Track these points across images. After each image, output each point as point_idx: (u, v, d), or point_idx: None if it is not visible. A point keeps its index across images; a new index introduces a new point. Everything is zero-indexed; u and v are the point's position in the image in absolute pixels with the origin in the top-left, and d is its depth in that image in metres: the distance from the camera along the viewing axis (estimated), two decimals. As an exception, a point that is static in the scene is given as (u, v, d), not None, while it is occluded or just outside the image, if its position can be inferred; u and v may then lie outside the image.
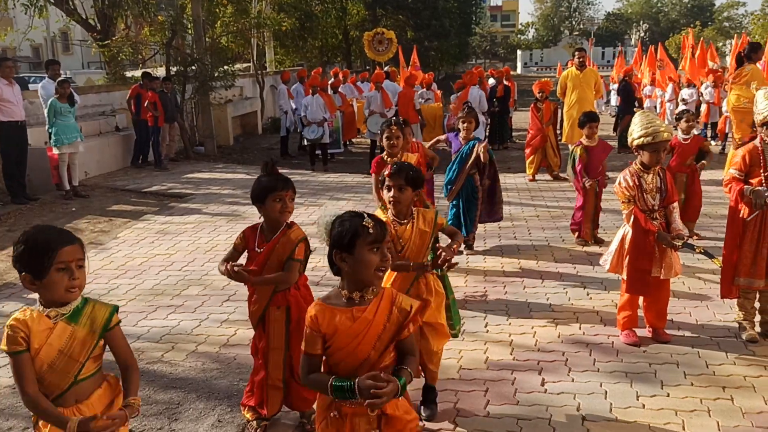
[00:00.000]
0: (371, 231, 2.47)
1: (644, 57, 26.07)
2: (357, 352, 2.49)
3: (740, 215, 4.74)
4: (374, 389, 2.32)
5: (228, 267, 3.52)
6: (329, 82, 16.15)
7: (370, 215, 2.54)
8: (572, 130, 10.77)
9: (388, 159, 5.56)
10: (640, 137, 4.66)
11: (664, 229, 4.73)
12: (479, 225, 7.31)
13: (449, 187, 6.89)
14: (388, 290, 2.61)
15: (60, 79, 10.90)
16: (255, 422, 3.80)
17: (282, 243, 3.58)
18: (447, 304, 4.04)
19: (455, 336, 4.22)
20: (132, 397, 2.56)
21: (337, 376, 2.46)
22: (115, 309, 2.68)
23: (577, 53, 11.64)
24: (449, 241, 3.84)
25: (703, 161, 7.39)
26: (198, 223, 8.94)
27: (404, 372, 2.50)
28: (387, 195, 3.70)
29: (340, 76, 16.36)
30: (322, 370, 2.58)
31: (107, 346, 2.66)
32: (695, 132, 13.05)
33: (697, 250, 4.75)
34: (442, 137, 7.26)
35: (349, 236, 2.47)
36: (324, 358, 2.57)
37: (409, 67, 18.87)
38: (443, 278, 4.03)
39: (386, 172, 3.72)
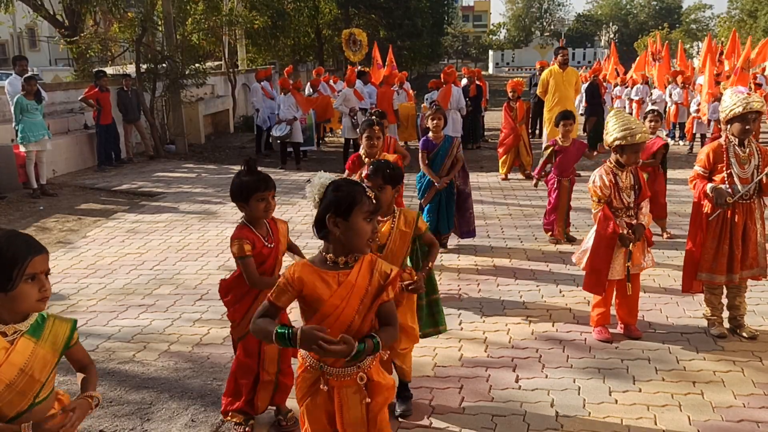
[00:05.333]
0: (370, 201, 2.51)
1: (612, 58, 26.37)
2: (343, 317, 2.53)
3: (704, 212, 4.82)
4: (317, 339, 2.33)
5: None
6: (309, 81, 16.26)
7: (369, 187, 2.58)
8: (554, 130, 10.86)
9: (366, 158, 5.54)
10: (617, 139, 4.71)
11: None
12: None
13: (421, 188, 6.85)
14: (367, 255, 2.64)
15: (27, 75, 10.70)
16: (242, 423, 3.76)
17: (282, 233, 3.68)
18: (428, 303, 4.06)
19: (443, 331, 4.25)
20: (92, 392, 2.43)
21: (282, 324, 2.49)
22: (75, 324, 2.44)
23: (560, 51, 11.71)
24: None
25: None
26: (170, 221, 8.84)
27: (370, 339, 2.51)
28: None
29: (313, 74, 16.38)
30: None
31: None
32: (663, 133, 13.25)
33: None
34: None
35: (348, 202, 2.49)
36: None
37: (386, 67, 18.86)
38: (431, 277, 4.06)
39: (364, 173, 3.73)
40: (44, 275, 2.28)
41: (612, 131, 4.75)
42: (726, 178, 4.71)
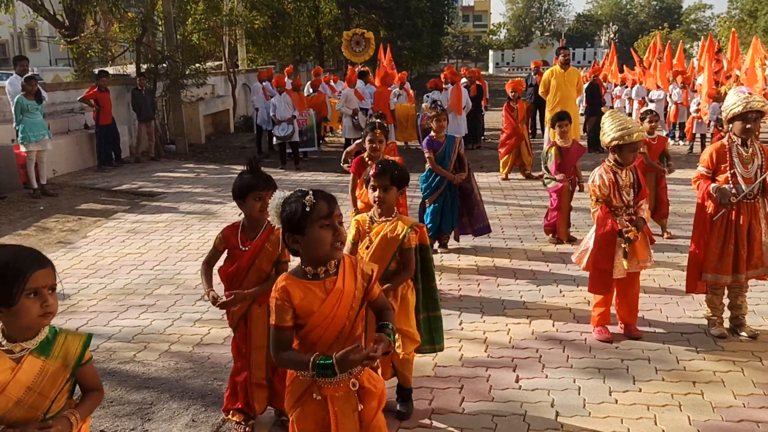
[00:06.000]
0: (317, 208, 2.44)
1: (615, 58, 26.35)
2: (333, 325, 2.51)
3: (707, 212, 4.82)
4: (356, 355, 2.37)
5: (218, 300, 3.58)
6: (309, 82, 16.30)
7: (316, 192, 2.49)
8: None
9: (369, 161, 5.54)
10: (614, 139, 4.71)
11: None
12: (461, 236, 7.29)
13: (426, 189, 6.85)
14: (346, 258, 2.61)
15: (27, 75, 10.71)
16: (242, 423, 3.76)
17: (272, 242, 3.58)
18: (426, 318, 3.98)
19: (438, 350, 4.11)
20: (76, 412, 2.32)
21: (319, 354, 2.46)
22: (89, 340, 2.41)
23: (561, 52, 11.76)
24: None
25: (669, 164, 7.49)
26: (170, 221, 8.85)
27: (387, 329, 2.59)
28: (372, 195, 3.71)
29: (312, 74, 16.44)
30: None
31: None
32: (663, 132, 13.28)
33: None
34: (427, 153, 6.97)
35: (297, 217, 2.45)
36: (298, 340, 2.57)
37: (386, 66, 18.87)
38: (432, 291, 3.97)
39: (371, 172, 3.72)
40: (48, 290, 2.22)
41: (608, 132, 4.76)
42: (729, 178, 4.71)
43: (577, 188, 7.63)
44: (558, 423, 3.84)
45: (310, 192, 2.49)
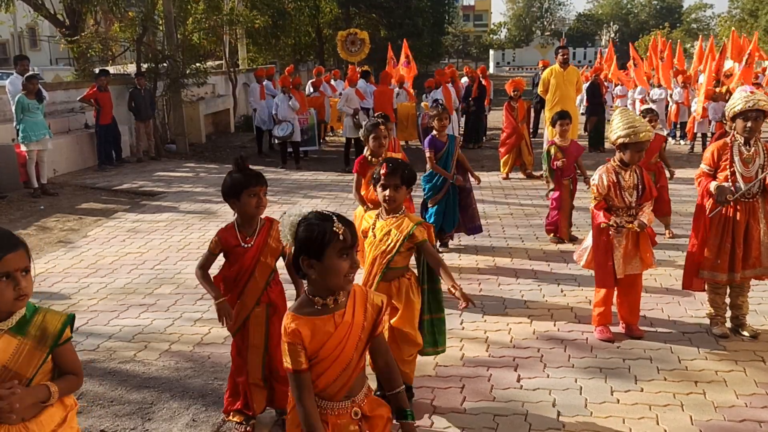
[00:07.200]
0: (342, 237, 2.34)
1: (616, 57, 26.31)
2: (341, 358, 2.42)
3: (706, 210, 4.82)
4: None
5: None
6: (310, 81, 16.34)
7: (339, 217, 2.40)
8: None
9: (372, 159, 5.53)
10: (620, 137, 4.70)
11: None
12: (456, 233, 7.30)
13: (430, 190, 6.84)
14: (357, 288, 2.52)
15: (28, 74, 10.70)
16: (243, 423, 3.75)
17: (273, 237, 3.60)
18: (430, 320, 4.02)
19: (441, 352, 4.17)
20: (54, 383, 2.30)
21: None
22: (70, 319, 2.35)
23: (561, 51, 11.78)
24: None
25: (670, 169, 7.58)
26: (170, 221, 8.84)
27: (402, 400, 2.56)
28: (382, 194, 3.73)
29: (314, 73, 16.46)
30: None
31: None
32: (664, 132, 13.26)
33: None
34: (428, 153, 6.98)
35: (318, 242, 2.33)
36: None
37: (402, 64, 18.90)
38: (437, 293, 4.01)
39: (382, 172, 3.73)
40: (21, 272, 2.19)
41: (616, 129, 4.75)
42: (729, 176, 4.70)
43: (585, 185, 7.60)
44: (560, 423, 3.83)
45: (335, 217, 2.38)
